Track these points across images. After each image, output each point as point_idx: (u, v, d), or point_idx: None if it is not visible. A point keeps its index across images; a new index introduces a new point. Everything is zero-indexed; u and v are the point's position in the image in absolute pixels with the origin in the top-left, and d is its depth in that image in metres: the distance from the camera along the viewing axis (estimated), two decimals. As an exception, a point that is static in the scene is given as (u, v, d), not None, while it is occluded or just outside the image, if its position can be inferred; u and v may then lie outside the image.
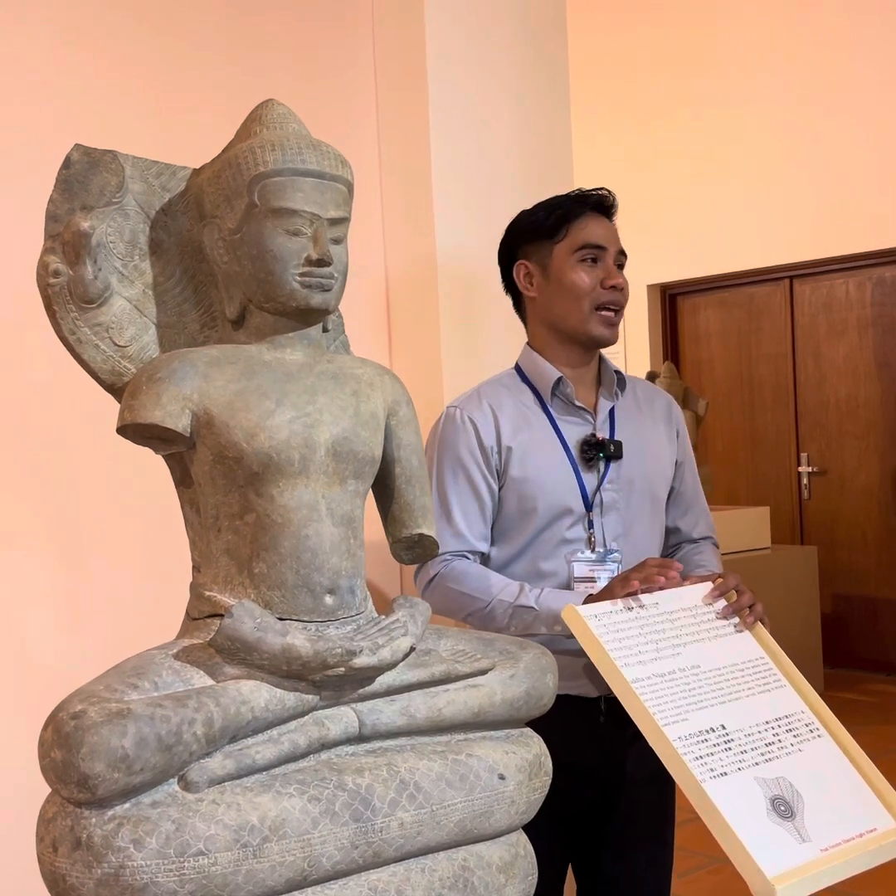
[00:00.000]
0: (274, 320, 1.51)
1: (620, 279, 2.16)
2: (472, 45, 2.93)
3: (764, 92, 6.07)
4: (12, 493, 2.32)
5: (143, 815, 1.26)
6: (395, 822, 1.40)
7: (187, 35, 2.63)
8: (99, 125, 2.41)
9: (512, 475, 2.12)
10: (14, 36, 2.37)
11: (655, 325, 6.77)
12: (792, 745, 1.84)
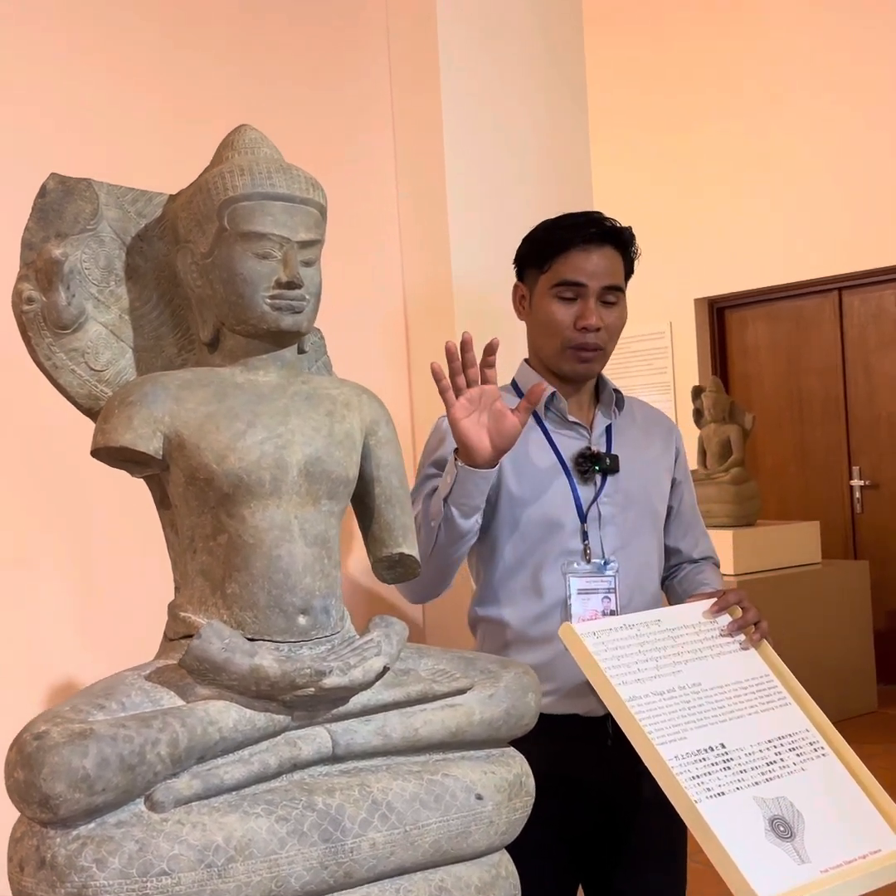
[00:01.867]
0: (247, 343, 1.52)
1: (593, 319, 2.10)
2: (488, 68, 2.94)
3: (807, 102, 6.01)
4: (26, 512, 2.36)
5: (107, 834, 1.27)
6: (367, 842, 1.40)
7: (202, 47, 2.68)
8: (115, 135, 2.46)
9: (506, 489, 2.11)
10: (24, 50, 2.42)
11: (703, 339, 6.71)
12: (794, 764, 1.81)
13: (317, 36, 2.88)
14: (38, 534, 2.40)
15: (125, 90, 2.53)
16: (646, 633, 1.89)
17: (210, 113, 2.49)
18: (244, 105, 2.66)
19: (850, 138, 5.92)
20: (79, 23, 2.49)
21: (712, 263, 6.48)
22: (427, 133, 2.90)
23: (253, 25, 2.77)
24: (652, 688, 1.80)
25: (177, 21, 2.65)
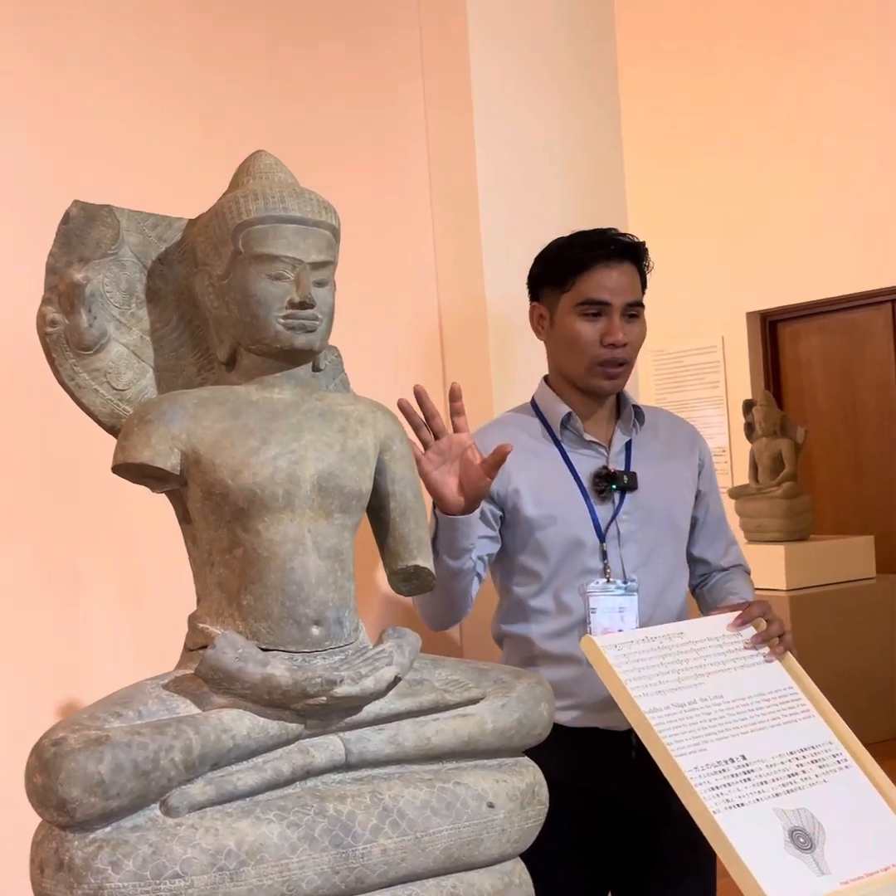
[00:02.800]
0: (262, 361, 1.57)
1: (620, 335, 2.12)
2: (521, 86, 2.97)
3: (862, 112, 5.97)
4: (68, 527, 2.43)
5: (123, 838, 1.32)
6: (378, 848, 1.43)
7: (232, 71, 2.73)
8: (142, 158, 2.53)
9: (525, 514, 2.13)
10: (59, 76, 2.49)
11: (756, 353, 6.67)
12: (816, 776, 1.81)
13: (350, 56, 2.92)
14: (82, 548, 2.47)
15: (155, 114, 2.59)
16: (668, 646, 1.90)
17: (242, 136, 2.54)
18: (277, 128, 2.72)
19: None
20: (106, 47, 2.55)
21: (764, 277, 6.45)
22: (460, 151, 2.93)
23: (285, 48, 2.82)
24: (673, 700, 1.81)
25: (208, 46, 2.70)
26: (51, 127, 2.46)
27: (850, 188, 6.03)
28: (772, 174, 6.38)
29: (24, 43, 2.45)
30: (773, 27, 6.30)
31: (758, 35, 6.37)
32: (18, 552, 2.39)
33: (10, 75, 2.43)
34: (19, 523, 2.40)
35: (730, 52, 6.51)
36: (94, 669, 2.43)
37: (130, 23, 2.59)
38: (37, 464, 2.41)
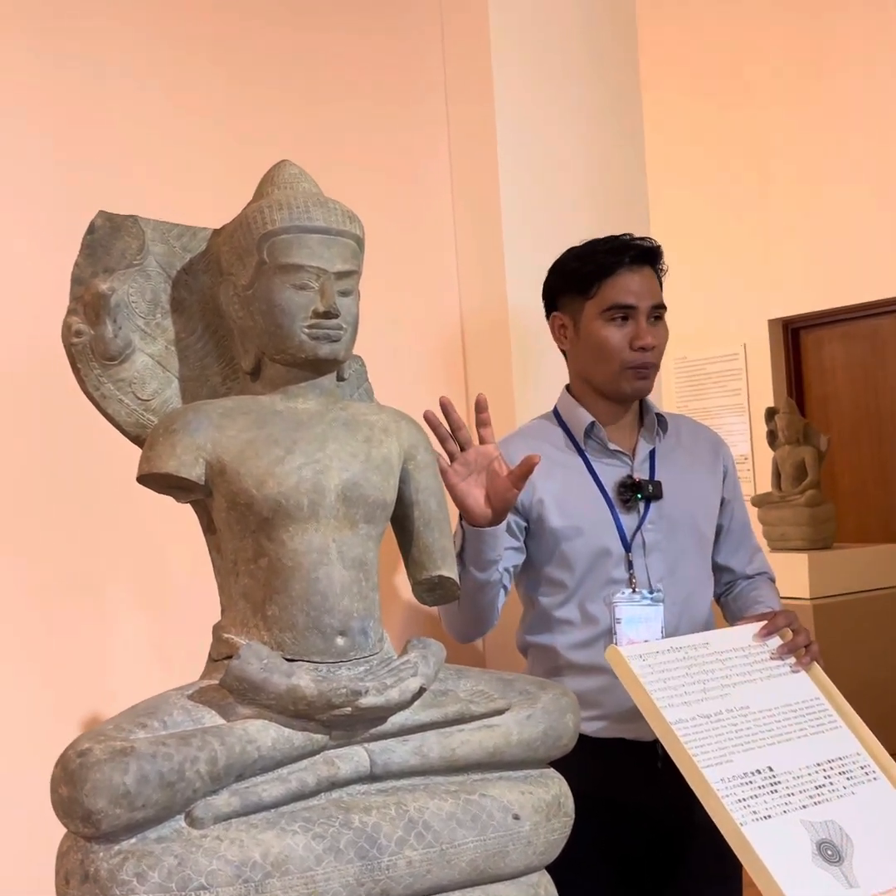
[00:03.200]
0: (286, 371, 1.57)
1: (649, 339, 2.13)
2: (543, 95, 2.96)
3: (886, 120, 5.94)
4: (94, 536, 2.43)
5: (148, 849, 1.31)
6: (403, 860, 1.42)
7: (257, 77, 2.74)
8: (166, 168, 2.54)
9: (550, 524, 2.13)
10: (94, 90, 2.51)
11: (778, 361, 6.64)
12: (844, 787, 1.79)
13: (373, 65, 2.92)
14: (105, 558, 2.47)
15: (181, 125, 2.60)
16: (693, 656, 1.89)
17: (265, 145, 2.55)
18: (299, 137, 2.72)
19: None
20: (129, 57, 2.56)
21: (786, 284, 6.41)
22: (482, 160, 2.93)
23: (308, 56, 2.82)
24: (699, 710, 1.80)
25: (232, 56, 2.71)
26: (75, 137, 2.47)
27: (873, 196, 6.00)
28: (794, 181, 6.35)
29: (48, 54, 2.46)
30: (796, 45, 6.28)
31: (781, 49, 6.35)
32: (42, 563, 2.40)
33: (33, 87, 2.44)
34: (44, 533, 2.40)
35: (754, 65, 6.48)
36: (118, 680, 2.43)
37: (154, 33, 2.60)
38: (61, 474, 2.42)
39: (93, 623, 2.45)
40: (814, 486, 5.52)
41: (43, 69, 2.45)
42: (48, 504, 2.41)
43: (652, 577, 2.11)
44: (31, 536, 2.39)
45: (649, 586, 2.10)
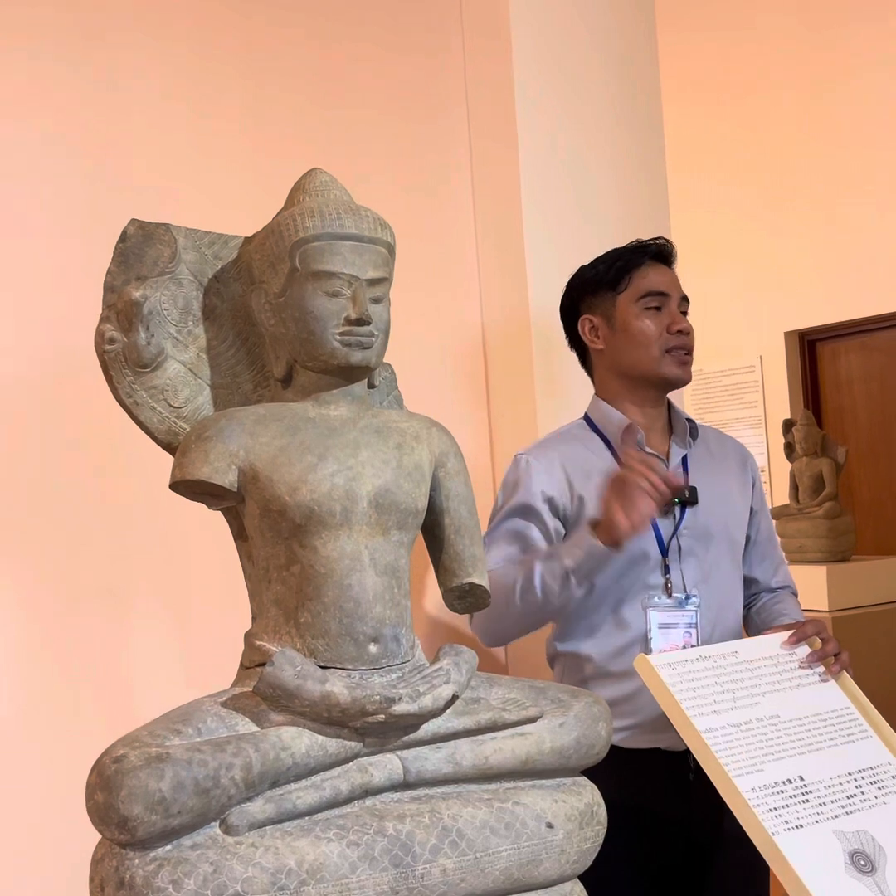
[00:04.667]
0: (318, 378, 1.57)
1: (686, 324, 2.18)
2: (565, 106, 2.97)
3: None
4: (119, 543, 2.44)
5: (183, 856, 1.31)
6: (437, 868, 1.41)
7: (283, 88, 2.77)
8: (197, 177, 2.56)
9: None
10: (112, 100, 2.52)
11: (794, 373, 6.62)
12: (876, 797, 1.78)
13: (397, 81, 2.95)
14: (136, 565, 2.48)
15: (204, 134, 2.62)
16: (722, 665, 1.88)
17: (292, 156, 2.56)
18: (324, 149, 2.73)
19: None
20: (157, 67, 2.59)
21: (802, 296, 6.40)
22: (504, 169, 2.94)
23: (332, 69, 2.85)
24: (729, 719, 1.79)
25: (259, 72, 2.74)
26: (105, 146, 2.50)
27: (889, 207, 6.00)
28: (809, 193, 6.35)
29: (77, 65, 2.49)
30: (812, 63, 6.29)
31: (797, 67, 6.36)
32: (73, 569, 2.41)
33: (64, 97, 2.47)
34: (74, 541, 2.41)
35: (770, 82, 6.49)
36: (149, 686, 2.44)
37: (180, 43, 2.62)
38: (92, 481, 2.43)
39: (119, 630, 2.46)
40: (832, 498, 5.50)
41: (71, 83, 2.48)
42: (77, 512, 2.41)
43: (687, 582, 2.11)
44: (60, 544, 2.40)
45: (684, 592, 2.10)
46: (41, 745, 2.34)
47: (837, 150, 6.22)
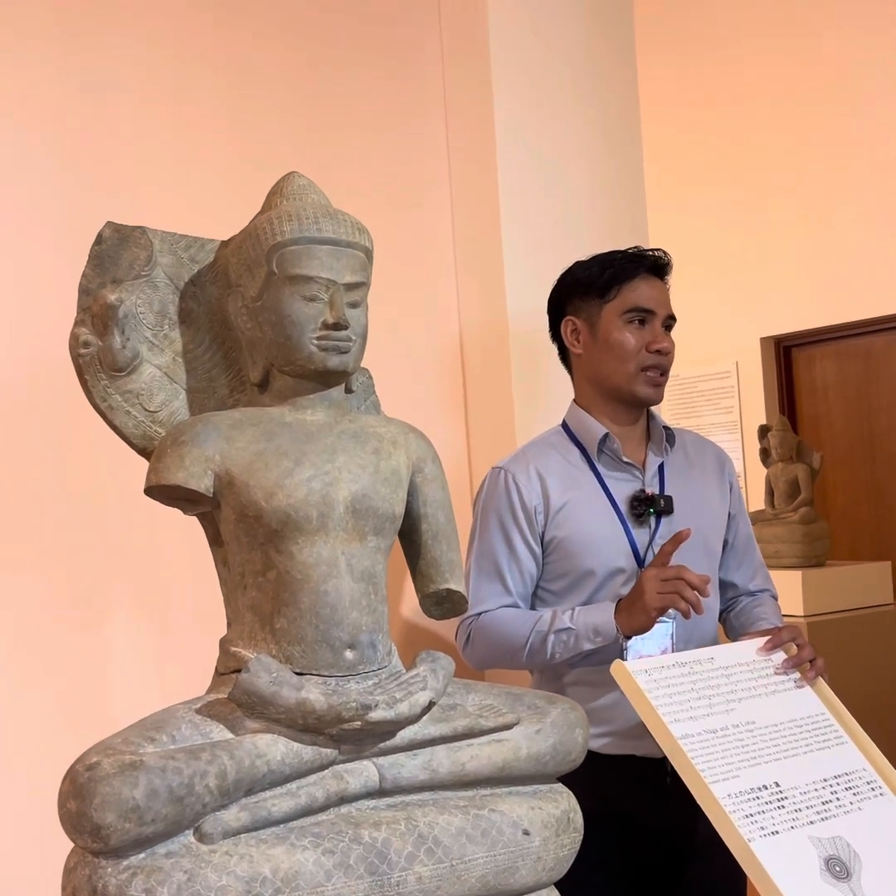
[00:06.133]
0: (295, 383, 1.56)
1: (666, 343, 2.17)
2: (543, 111, 2.97)
3: (879, 136, 5.97)
4: (95, 552, 2.42)
5: (157, 865, 1.30)
6: (413, 876, 1.41)
7: (263, 96, 2.77)
8: (174, 180, 2.55)
9: (561, 536, 2.12)
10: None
11: (770, 378, 6.65)
12: (851, 803, 1.79)
13: (376, 94, 2.95)
14: (110, 571, 2.46)
15: (184, 138, 2.61)
16: (699, 671, 1.88)
17: (271, 161, 2.55)
18: (304, 159, 2.71)
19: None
20: (137, 71, 2.57)
21: (778, 302, 6.43)
22: (482, 174, 2.94)
23: (313, 83, 2.84)
24: (705, 726, 1.79)
25: (240, 74, 2.73)
26: (82, 149, 2.48)
27: (866, 215, 6.03)
28: (787, 201, 6.38)
29: (54, 66, 2.47)
30: (793, 69, 6.31)
31: (778, 74, 6.38)
32: (46, 575, 2.39)
33: (40, 98, 2.45)
34: (47, 546, 2.39)
35: (750, 79, 6.51)
36: (123, 693, 2.42)
37: (161, 49, 2.61)
38: (66, 486, 2.41)
39: (93, 636, 2.44)
40: (807, 504, 5.52)
41: (49, 83, 2.46)
42: (52, 516, 2.40)
43: None
44: (35, 549, 2.38)
45: None
46: (13, 751, 2.32)
47: (814, 158, 6.25)
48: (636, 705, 1.81)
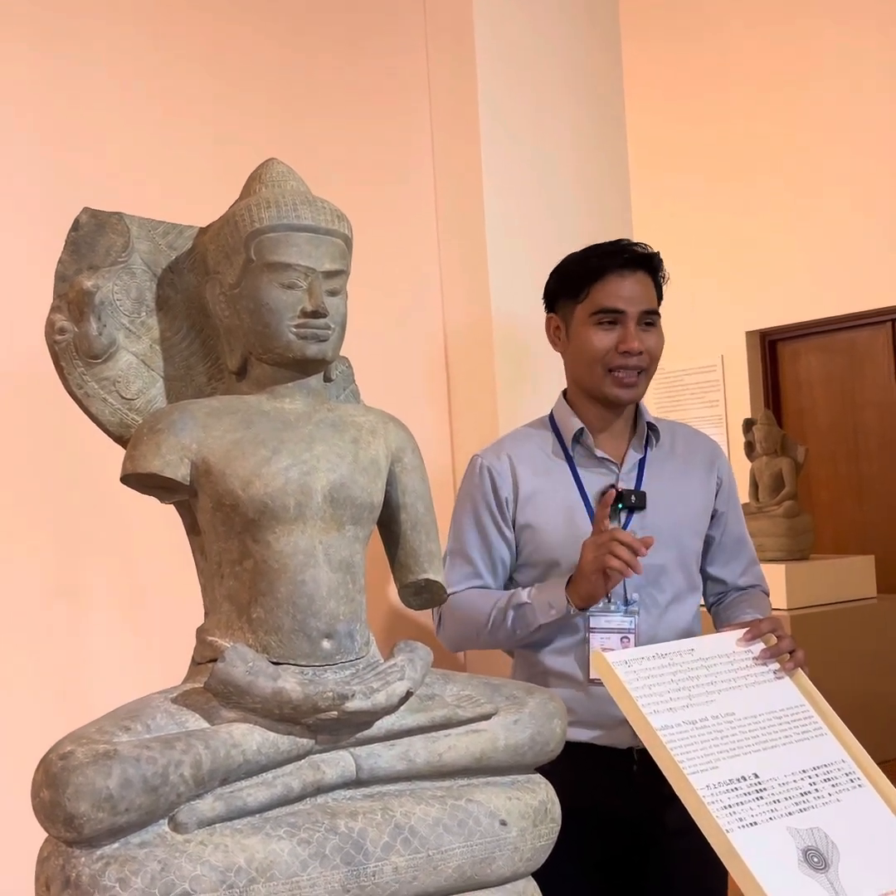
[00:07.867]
0: (273, 371, 1.55)
1: (635, 343, 2.12)
2: (528, 107, 2.97)
3: (863, 135, 5.98)
4: (70, 541, 2.41)
5: (130, 854, 1.29)
6: (389, 866, 1.40)
7: (244, 83, 2.76)
8: (153, 166, 2.54)
9: (529, 524, 2.12)
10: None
11: (755, 372, 6.66)
12: (829, 794, 1.79)
13: (361, 79, 2.94)
14: (86, 560, 2.45)
15: (163, 125, 2.60)
16: (679, 662, 1.88)
17: (251, 144, 2.54)
18: (285, 145, 2.70)
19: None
20: (118, 58, 2.57)
21: (763, 296, 6.44)
22: (467, 170, 2.93)
23: (296, 67, 2.83)
24: (684, 717, 1.79)
25: (223, 66, 2.72)
26: (61, 135, 2.47)
27: (851, 208, 6.04)
28: (772, 193, 6.38)
29: (36, 53, 2.45)
30: (780, 59, 6.31)
31: (765, 64, 6.38)
32: (22, 565, 2.37)
33: (22, 85, 2.43)
34: (23, 536, 2.38)
35: (736, 70, 6.52)
36: (99, 682, 2.41)
37: (143, 35, 2.60)
38: (41, 474, 2.40)
39: (69, 625, 2.42)
40: (791, 497, 5.53)
41: (31, 69, 2.44)
42: (26, 505, 2.38)
43: (628, 587, 2.09)
44: (10, 538, 2.36)
45: (625, 597, 2.09)
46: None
47: (803, 152, 6.25)
48: (616, 696, 1.81)
